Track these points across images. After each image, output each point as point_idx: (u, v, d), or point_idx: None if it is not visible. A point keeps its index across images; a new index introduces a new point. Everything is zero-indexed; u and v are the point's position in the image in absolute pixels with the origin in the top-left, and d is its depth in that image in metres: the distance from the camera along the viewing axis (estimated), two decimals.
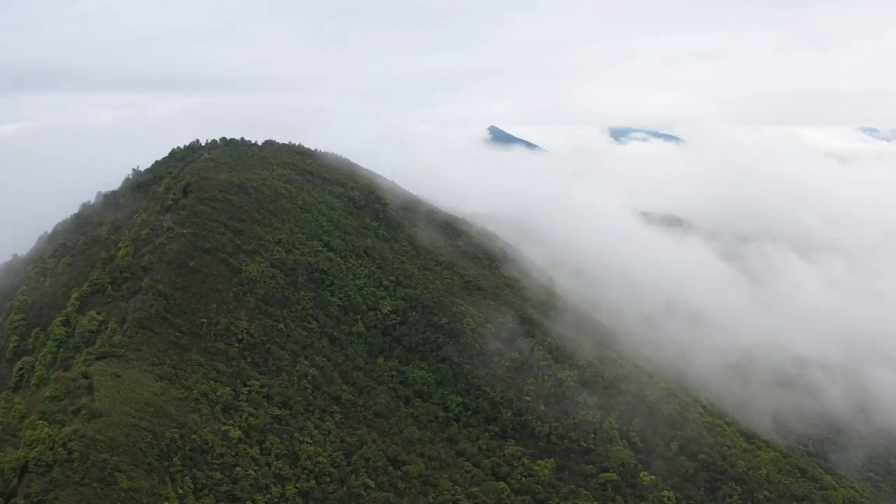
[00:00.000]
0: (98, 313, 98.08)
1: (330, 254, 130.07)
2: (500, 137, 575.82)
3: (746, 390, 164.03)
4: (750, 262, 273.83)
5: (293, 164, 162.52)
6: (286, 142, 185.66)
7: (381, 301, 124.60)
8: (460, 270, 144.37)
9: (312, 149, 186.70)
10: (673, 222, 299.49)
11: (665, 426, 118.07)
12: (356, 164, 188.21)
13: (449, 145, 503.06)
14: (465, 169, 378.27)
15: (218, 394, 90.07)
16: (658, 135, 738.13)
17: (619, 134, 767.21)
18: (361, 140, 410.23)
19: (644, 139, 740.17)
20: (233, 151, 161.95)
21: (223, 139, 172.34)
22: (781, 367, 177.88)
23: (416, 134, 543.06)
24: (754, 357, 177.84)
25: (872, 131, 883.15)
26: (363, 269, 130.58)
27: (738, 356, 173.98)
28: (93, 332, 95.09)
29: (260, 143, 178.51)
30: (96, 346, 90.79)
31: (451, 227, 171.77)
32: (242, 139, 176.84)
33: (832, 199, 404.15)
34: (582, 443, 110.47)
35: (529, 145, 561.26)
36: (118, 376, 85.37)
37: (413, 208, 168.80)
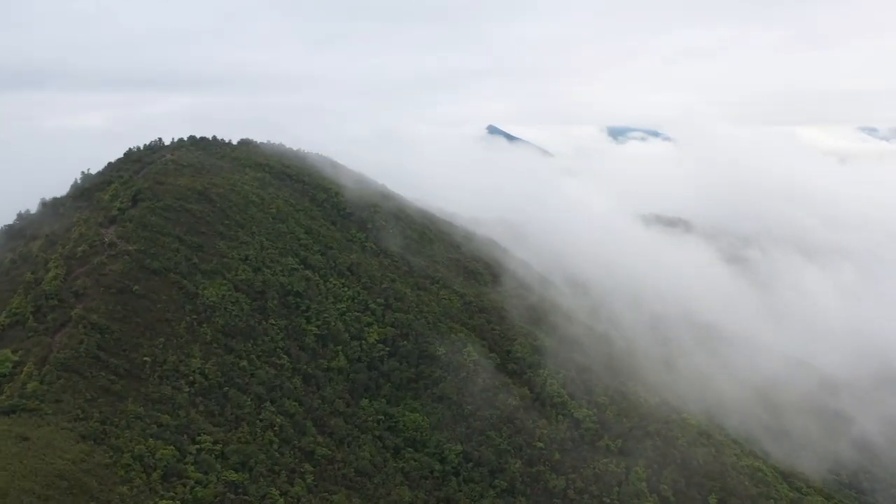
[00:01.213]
0: (14, 352, 79.27)
1: (307, 272, 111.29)
2: (498, 137, 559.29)
3: (773, 415, 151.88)
4: (755, 265, 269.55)
5: (270, 167, 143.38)
6: (278, 142, 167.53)
7: (366, 328, 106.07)
8: (460, 289, 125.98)
9: (296, 148, 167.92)
10: (673, 223, 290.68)
11: (700, 475, 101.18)
12: (345, 167, 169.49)
13: (446, 145, 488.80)
14: (463, 169, 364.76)
15: (157, 456, 71.80)
16: (657, 134, 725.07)
17: (617, 133, 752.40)
18: (358, 140, 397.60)
19: (643, 139, 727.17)
20: (200, 152, 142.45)
21: (191, 138, 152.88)
22: (807, 389, 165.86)
23: (414, 133, 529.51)
24: (778, 378, 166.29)
25: (872, 131, 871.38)
26: (346, 290, 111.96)
27: (761, 377, 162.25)
28: (5, 375, 76.47)
29: (235, 143, 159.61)
30: (3, 396, 72.35)
31: (448, 237, 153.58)
32: (214, 138, 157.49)
33: (832, 198, 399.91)
34: (605, 499, 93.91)
35: (527, 144, 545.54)
36: (25, 439, 67.21)
37: (407, 216, 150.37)
